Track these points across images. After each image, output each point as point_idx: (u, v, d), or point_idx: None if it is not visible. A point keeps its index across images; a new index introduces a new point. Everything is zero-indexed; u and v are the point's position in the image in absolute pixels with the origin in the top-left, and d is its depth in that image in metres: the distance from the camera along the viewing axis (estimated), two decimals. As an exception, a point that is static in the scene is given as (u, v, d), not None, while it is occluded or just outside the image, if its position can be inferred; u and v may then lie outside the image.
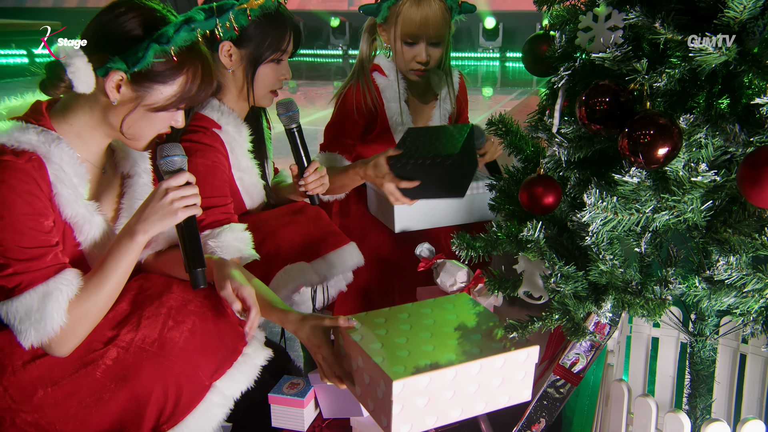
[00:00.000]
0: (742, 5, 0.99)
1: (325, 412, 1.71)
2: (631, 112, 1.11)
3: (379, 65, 2.21)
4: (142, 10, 1.30)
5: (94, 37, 1.31)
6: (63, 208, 1.33)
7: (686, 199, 1.11)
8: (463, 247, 1.44)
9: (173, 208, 1.34)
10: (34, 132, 1.29)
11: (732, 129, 1.10)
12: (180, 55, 1.30)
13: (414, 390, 1.34)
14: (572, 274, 1.25)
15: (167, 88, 1.33)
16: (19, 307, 1.25)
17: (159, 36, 1.27)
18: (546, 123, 1.29)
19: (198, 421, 1.41)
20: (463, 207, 2.16)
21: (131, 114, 1.34)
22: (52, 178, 1.30)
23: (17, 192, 1.24)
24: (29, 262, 1.26)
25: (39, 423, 1.32)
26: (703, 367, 1.50)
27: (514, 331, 1.35)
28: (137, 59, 1.27)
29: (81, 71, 1.25)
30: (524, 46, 1.39)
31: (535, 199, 1.34)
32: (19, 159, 1.25)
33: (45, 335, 1.26)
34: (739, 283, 1.15)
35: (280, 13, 1.84)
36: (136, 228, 1.35)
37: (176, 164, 1.39)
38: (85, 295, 1.31)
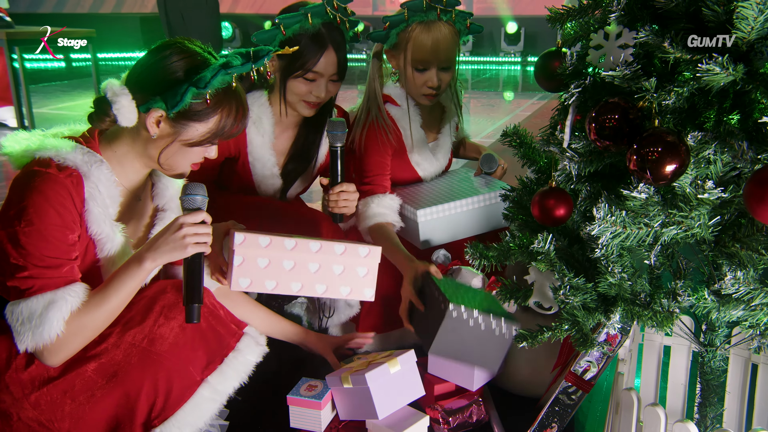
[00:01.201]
0: (749, 26, 0.99)
1: (341, 414, 1.73)
2: (640, 129, 1.12)
3: (389, 96, 2.17)
4: (185, 54, 1.37)
5: (139, 77, 1.38)
6: (90, 224, 1.38)
7: (693, 215, 1.11)
8: (476, 257, 1.45)
9: (184, 242, 1.38)
10: (80, 152, 1.37)
11: (740, 146, 1.10)
12: (215, 96, 1.37)
13: (254, 246, 1.57)
14: (581, 286, 1.25)
15: (202, 126, 1.40)
16: (24, 309, 1.29)
17: (198, 80, 1.33)
18: (558, 137, 1.29)
19: (189, 415, 1.43)
20: (482, 217, 2.17)
21: (168, 148, 1.41)
22: (87, 195, 1.36)
23: (51, 203, 1.29)
24: (45, 269, 1.30)
25: (39, 420, 1.35)
26: (714, 377, 1.49)
27: (524, 340, 1.36)
28: (176, 102, 1.34)
29: (125, 108, 1.34)
30: (537, 62, 1.39)
31: (547, 211, 1.34)
32: (61, 173, 1.32)
33: (41, 341, 1.30)
34: (747, 298, 1.15)
35: (320, 35, 1.88)
36: (146, 255, 1.39)
37: (196, 203, 1.44)
38: (86, 309, 1.34)
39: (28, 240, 1.28)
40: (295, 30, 1.87)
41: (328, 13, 1.89)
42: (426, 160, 2.24)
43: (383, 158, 2.14)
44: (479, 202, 2.15)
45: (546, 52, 1.37)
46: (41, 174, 1.30)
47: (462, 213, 2.13)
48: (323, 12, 1.89)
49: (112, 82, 1.37)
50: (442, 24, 1.99)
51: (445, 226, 2.12)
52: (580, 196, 1.35)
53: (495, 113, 6.61)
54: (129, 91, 1.36)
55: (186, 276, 1.42)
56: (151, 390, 1.39)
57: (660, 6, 1.12)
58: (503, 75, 9.70)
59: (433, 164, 2.27)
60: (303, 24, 1.86)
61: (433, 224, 2.09)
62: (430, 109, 2.25)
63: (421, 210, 2.07)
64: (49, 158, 1.33)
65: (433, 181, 2.31)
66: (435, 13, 1.95)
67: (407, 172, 2.25)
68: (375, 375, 1.65)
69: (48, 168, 1.31)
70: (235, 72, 1.37)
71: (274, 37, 1.86)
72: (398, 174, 2.23)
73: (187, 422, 1.43)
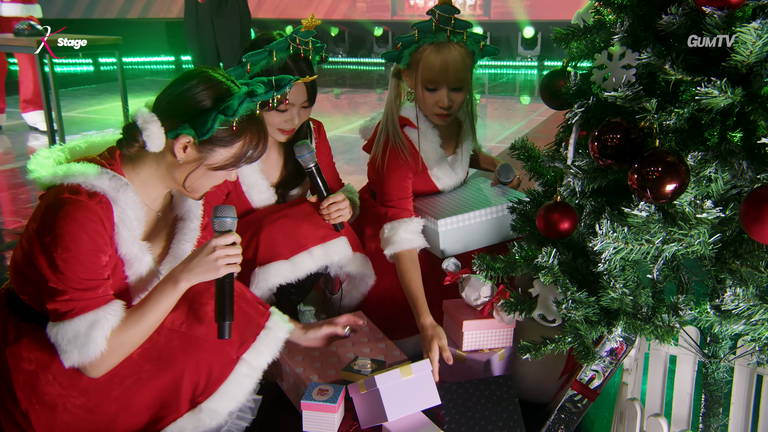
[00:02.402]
0: (748, 50, 1.00)
1: (362, 422, 1.75)
2: (642, 149, 1.12)
3: (407, 119, 2.17)
4: (211, 83, 1.41)
5: (168, 105, 1.43)
6: (120, 246, 1.43)
7: (693, 233, 1.12)
8: (483, 268, 1.47)
9: (217, 264, 1.45)
10: (107, 177, 1.41)
11: (740, 165, 1.10)
12: (240, 123, 1.42)
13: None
14: (584, 300, 1.26)
15: (227, 151, 1.45)
16: (69, 330, 1.35)
17: (225, 108, 1.38)
18: (562, 154, 1.30)
19: (231, 390, 1.52)
20: (500, 227, 2.18)
21: (194, 172, 1.46)
22: (116, 219, 1.41)
23: (85, 229, 1.35)
24: (84, 292, 1.36)
25: (87, 406, 1.43)
26: (717, 387, 1.50)
27: (527, 352, 1.37)
28: (206, 129, 1.38)
29: (154, 134, 1.39)
30: (542, 80, 1.40)
31: (552, 224, 1.36)
32: (92, 200, 1.37)
33: (86, 358, 1.36)
34: (746, 314, 1.15)
35: (287, 67, 1.94)
36: (180, 276, 1.45)
37: (227, 225, 1.50)
38: (125, 326, 1.40)
39: (66, 266, 1.34)
40: (262, 66, 1.92)
41: (290, 49, 1.94)
42: (446, 174, 2.26)
43: (405, 181, 2.16)
44: (498, 212, 2.16)
45: (551, 71, 1.38)
46: (73, 202, 1.35)
47: (481, 223, 2.14)
48: (286, 47, 1.94)
49: (142, 110, 1.41)
50: (452, 45, 1.98)
51: (465, 236, 2.14)
52: (584, 210, 1.36)
53: (511, 117, 6.59)
54: (158, 118, 1.40)
55: (218, 295, 1.49)
56: (193, 370, 1.47)
57: (662, 29, 1.13)
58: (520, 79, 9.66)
59: (452, 178, 2.29)
60: (269, 60, 1.92)
61: (453, 234, 2.11)
62: (447, 126, 2.26)
63: (441, 220, 2.08)
64: (78, 185, 1.38)
65: (451, 192, 2.33)
66: (445, 35, 1.96)
67: (427, 186, 2.28)
68: (385, 378, 1.67)
69: (78, 195, 1.36)
70: (259, 99, 1.42)
71: (242, 75, 1.90)
72: (418, 187, 2.26)
73: (230, 396, 1.52)
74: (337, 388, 1.75)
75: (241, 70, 1.90)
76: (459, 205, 2.19)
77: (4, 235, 3.33)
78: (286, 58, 1.95)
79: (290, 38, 1.95)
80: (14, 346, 1.44)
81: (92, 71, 10.11)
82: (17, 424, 1.43)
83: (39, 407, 1.41)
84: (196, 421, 1.49)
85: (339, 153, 4.84)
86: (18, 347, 1.43)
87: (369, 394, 1.71)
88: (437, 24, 1.95)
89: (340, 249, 2.05)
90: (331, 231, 2.06)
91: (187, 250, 1.61)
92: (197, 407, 1.49)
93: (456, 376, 1.92)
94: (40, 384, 1.41)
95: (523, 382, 1.92)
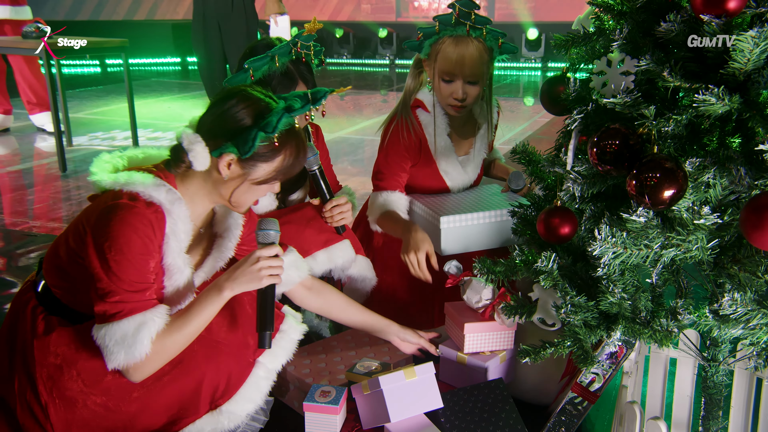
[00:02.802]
0: (746, 58, 1.00)
1: (364, 422, 1.76)
2: (640, 155, 1.13)
3: (421, 101, 2.22)
4: (250, 101, 1.46)
5: (210, 125, 1.48)
6: (166, 255, 1.47)
7: (690, 238, 1.12)
8: (484, 272, 1.47)
9: (260, 275, 1.49)
10: (164, 190, 1.46)
11: (738, 171, 1.10)
12: (280, 138, 1.46)
13: None
14: (583, 304, 1.27)
15: (269, 165, 1.49)
16: (117, 330, 1.38)
17: (265, 125, 1.42)
18: (562, 159, 1.31)
19: (249, 392, 1.56)
20: (504, 230, 2.18)
21: (239, 187, 1.50)
22: (168, 230, 1.45)
23: (139, 234, 1.38)
24: (133, 294, 1.39)
25: (107, 405, 1.45)
26: (716, 391, 1.50)
27: (527, 356, 1.38)
28: (248, 147, 1.42)
29: (200, 154, 1.44)
30: (542, 86, 1.41)
31: (552, 229, 1.36)
32: (148, 209, 1.41)
33: (132, 359, 1.39)
34: (744, 318, 1.15)
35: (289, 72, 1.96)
36: (225, 285, 1.49)
37: (270, 238, 1.54)
38: (170, 331, 1.44)
39: (119, 267, 1.37)
40: (264, 71, 1.94)
41: (292, 53, 1.97)
42: (454, 170, 2.28)
43: (402, 160, 2.20)
44: (502, 216, 2.17)
45: (551, 77, 1.39)
46: (130, 207, 1.39)
47: (484, 225, 2.16)
48: (288, 52, 1.96)
49: (187, 131, 1.46)
50: (471, 40, 2.03)
51: (467, 236, 2.15)
52: (584, 215, 1.36)
53: (515, 119, 6.59)
54: (202, 138, 1.45)
55: (260, 305, 1.53)
56: (214, 374, 1.51)
57: (660, 35, 1.14)
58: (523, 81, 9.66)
59: (462, 176, 2.31)
60: (271, 66, 1.94)
61: (455, 232, 2.13)
62: (463, 122, 2.29)
63: (444, 216, 2.10)
64: (137, 193, 1.42)
65: (460, 193, 2.34)
66: (464, 29, 2.00)
67: (435, 181, 2.30)
68: (389, 379, 1.68)
69: (136, 202, 1.41)
70: (296, 114, 1.46)
71: (245, 80, 1.93)
72: (426, 182, 2.28)
73: (248, 399, 1.56)
74: (340, 389, 1.76)
75: (243, 75, 1.92)
76: (464, 205, 2.20)
77: (12, 237, 3.35)
78: (287, 62, 1.97)
79: (292, 42, 1.97)
80: (42, 339, 1.47)
81: (99, 72, 10.15)
82: (34, 416, 1.45)
83: (59, 401, 1.44)
84: (215, 422, 1.53)
85: (343, 154, 4.84)
86: (46, 341, 1.46)
87: (372, 395, 1.72)
88: (457, 18, 2.00)
89: (344, 252, 2.07)
90: (334, 235, 2.08)
91: (218, 266, 1.66)
92: (217, 409, 1.53)
93: (456, 379, 1.93)
94: (63, 379, 1.44)
95: (525, 384, 1.92)
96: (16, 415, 1.47)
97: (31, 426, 1.45)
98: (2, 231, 3.42)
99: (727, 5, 1.02)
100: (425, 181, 2.27)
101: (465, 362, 1.92)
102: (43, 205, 3.83)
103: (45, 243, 3.22)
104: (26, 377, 1.47)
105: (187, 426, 1.51)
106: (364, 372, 1.89)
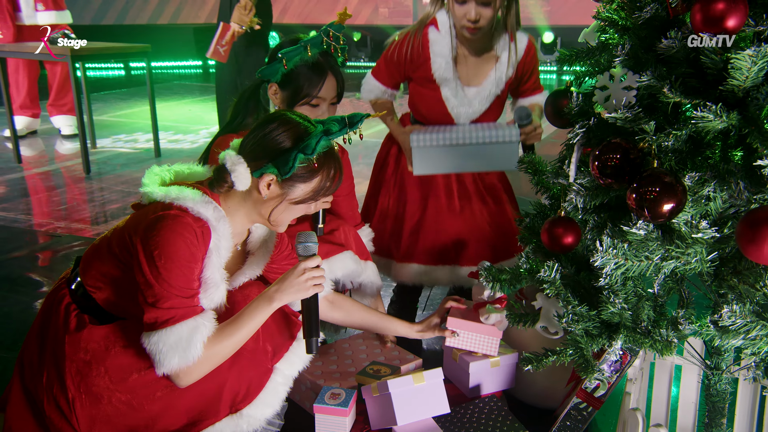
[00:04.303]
0: (744, 76, 1.01)
1: (373, 423, 1.79)
2: (641, 169, 1.14)
3: (436, 19, 2.24)
4: (290, 125, 1.52)
5: (252, 147, 1.53)
6: (206, 269, 1.51)
7: (690, 251, 1.13)
8: (489, 280, 1.49)
9: (307, 285, 1.56)
10: (211, 207, 1.51)
11: (737, 185, 1.11)
12: (318, 159, 1.51)
13: None
14: (584, 314, 1.28)
15: (307, 186, 1.54)
16: (171, 336, 1.42)
17: (304, 147, 1.48)
18: (565, 171, 1.32)
19: (267, 398, 1.61)
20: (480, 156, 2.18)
21: (278, 207, 1.56)
22: (212, 245, 1.50)
23: (187, 242, 1.44)
24: (184, 299, 1.44)
25: (131, 403, 1.49)
26: (720, 399, 1.50)
27: (529, 363, 1.39)
28: (288, 168, 1.48)
29: (242, 175, 1.49)
30: (546, 99, 1.42)
31: (555, 239, 1.37)
32: (195, 223, 1.46)
33: (185, 363, 1.43)
34: (743, 330, 1.16)
35: (319, 63, 1.99)
36: (275, 296, 1.55)
37: (311, 250, 1.61)
38: (219, 337, 1.49)
39: (169, 274, 1.42)
40: (296, 62, 1.97)
41: (323, 43, 1.99)
42: (456, 97, 2.28)
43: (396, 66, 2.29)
44: (478, 139, 2.16)
45: (555, 90, 1.40)
46: (179, 218, 1.45)
47: (457, 147, 2.16)
48: (320, 42, 1.99)
49: (230, 153, 1.52)
50: None
51: (439, 156, 2.17)
52: (587, 225, 1.37)
53: (529, 122, 6.56)
54: (244, 160, 1.50)
55: (305, 313, 1.60)
56: (235, 380, 1.55)
57: (662, 52, 1.14)
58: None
59: (465, 107, 2.30)
60: (303, 55, 1.96)
61: (426, 152, 2.16)
62: (479, 51, 2.27)
63: (415, 135, 2.14)
64: (186, 207, 1.47)
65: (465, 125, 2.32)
66: None
67: (438, 107, 2.31)
68: (397, 383, 1.71)
69: (185, 215, 1.46)
70: (334, 137, 1.53)
71: (277, 71, 1.97)
72: (430, 106, 2.32)
73: (266, 404, 1.60)
74: (349, 392, 1.79)
75: (277, 65, 1.95)
76: (445, 129, 2.21)
77: (39, 237, 3.43)
78: (317, 53, 1.99)
79: (323, 32, 1.99)
80: (74, 335, 1.51)
81: (123, 75, 10.29)
82: (60, 409, 1.49)
83: (85, 397, 1.48)
84: (234, 426, 1.57)
85: (361, 157, 4.88)
86: (77, 337, 1.51)
87: (381, 398, 1.75)
88: None
89: (344, 264, 2.08)
90: (334, 247, 2.08)
91: (239, 282, 1.70)
92: (238, 413, 1.57)
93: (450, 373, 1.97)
94: (91, 375, 1.48)
95: (531, 388, 1.93)
96: (43, 407, 1.51)
97: (57, 419, 1.50)
98: (29, 231, 3.49)
99: (726, 24, 1.02)
100: (429, 104, 2.30)
101: (456, 358, 1.94)
102: (68, 207, 3.91)
103: (69, 243, 3.29)
104: (55, 371, 1.51)
105: (207, 428, 1.55)
106: (371, 374, 1.92)
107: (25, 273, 2.95)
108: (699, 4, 1.06)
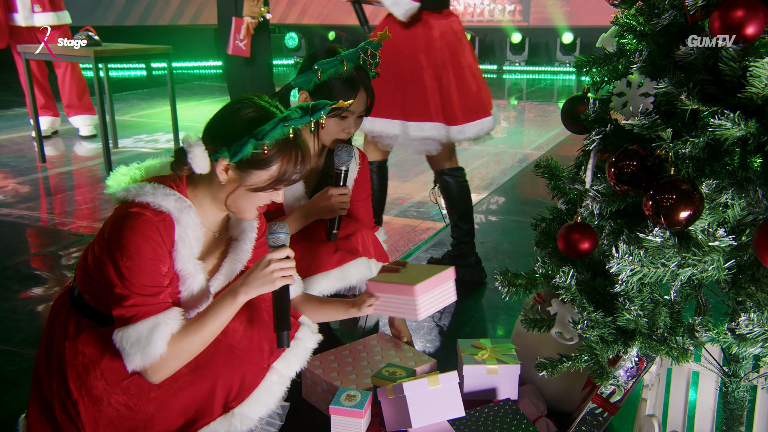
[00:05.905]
0: (763, 83, 1.00)
1: (388, 425, 1.79)
2: (658, 176, 1.13)
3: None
4: (252, 109, 1.49)
5: (212, 129, 1.52)
6: (177, 262, 1.51)
7: (706, 259, 1.12)
8: (504, 284, 1.49)
9: (273, 277, 1.51)
10: (173, 199, 1.50)
11: (755, 193, 1.10)
12: (275, 146, 1.48)
13: None
14: (600, 320, 1.27)
15: (264, 173, 1.50)
16: (133, 333, 1.43)
17: (257, 132, 1.45)
18: (582, 177, 1.32)
19: (262, 396, 1.58)
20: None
21: (234, 193, 1.53)
22: (177, 237, 1.49)
23: (147, 240, 1.44)
24: (146, 297, 1.45)
25: (128, 404, 1.51)
26: (737, 406, 1.48)
27: (544, 369, 1.39)
28: (237, 153, 1.45)
29: (198, 157, 1.47)
30: (563, 105, 1.42)
31: (572, 244, 1.37)
32: (156, 217, 1.46)
33: (148, 360, 1.44)
34: (761, 338, 1.15)
35: (352, 78, 1.99)
36: (239, 290, 1.52)
37: (280, 240, 1.56)
38: (185, 334, 1.48)
39: (130, 273, 1.43)
40: (330, 74, 1.97)
41: (360, 59, 1.99)
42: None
43: None
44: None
45: (572, 96, 1.39)
46: (138, 215, 1.45)
47: None
48: (357, 58, 1.99)
49: (189, 135, 1.50)
50: None
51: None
52: (603, 231, 1.37)
53: (547, 124, 6.53)
54: (203, 142, 1.48)
55: (275, 306, 1.56)
56: (228, 378, 1.55)
57: (680, 59, 1.14)
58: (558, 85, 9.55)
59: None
60: (338, 69, 1.97)
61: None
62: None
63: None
64: (147, 203, 1.48)
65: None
66: None
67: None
68: (412, 386, 1.71)
69: (145, 211, 1.46)
70: (293, 124, 1.47)
71: (310, 80, 1.97)
72: None
73: (261, 403, 1.58)
74: (365, 394, 1.79)
75: (312, 75, 1.96)
76: None
77: (61, 236, 3.48)
78: (352, 68, 2.00)
79: (362, 49, 2.00)
80: (73, 341, 1.53)
81: (144, 76, 10.41)
82: (68, 413, 1.52)
83: (87, 400, 1.50)
84: (228, 425, 1.55)
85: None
86: (76, 342, 1.53)
87: (396, 400, 1.75)
88: None
89: (358, 271, 2.08)
90: (347, 254, 2.08)
91: (237, 269, 1.69)
92: (230, 412, 1.56)
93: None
94: (89, 378, 1.50)
95: (547, 391, 1.93)
96: (55, 413, 1.54)
97: (66, 424, 1.53)
98: (52, 231, 3.55)
99: (745, 31, 1.02)
100: None
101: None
102: (89, 206, 3.97)
103: (91, 243, 3.33)
104: (61, 377, 1.54)
105: (202, 428, 1.55)
106: (387, 376, 1.92)
107: (49, 271, 3.01)
108: (718, 11, 1.05)
